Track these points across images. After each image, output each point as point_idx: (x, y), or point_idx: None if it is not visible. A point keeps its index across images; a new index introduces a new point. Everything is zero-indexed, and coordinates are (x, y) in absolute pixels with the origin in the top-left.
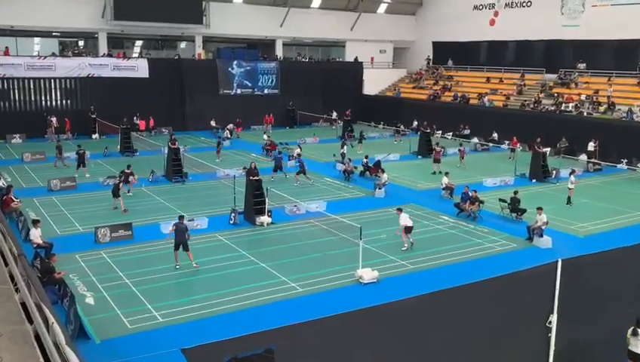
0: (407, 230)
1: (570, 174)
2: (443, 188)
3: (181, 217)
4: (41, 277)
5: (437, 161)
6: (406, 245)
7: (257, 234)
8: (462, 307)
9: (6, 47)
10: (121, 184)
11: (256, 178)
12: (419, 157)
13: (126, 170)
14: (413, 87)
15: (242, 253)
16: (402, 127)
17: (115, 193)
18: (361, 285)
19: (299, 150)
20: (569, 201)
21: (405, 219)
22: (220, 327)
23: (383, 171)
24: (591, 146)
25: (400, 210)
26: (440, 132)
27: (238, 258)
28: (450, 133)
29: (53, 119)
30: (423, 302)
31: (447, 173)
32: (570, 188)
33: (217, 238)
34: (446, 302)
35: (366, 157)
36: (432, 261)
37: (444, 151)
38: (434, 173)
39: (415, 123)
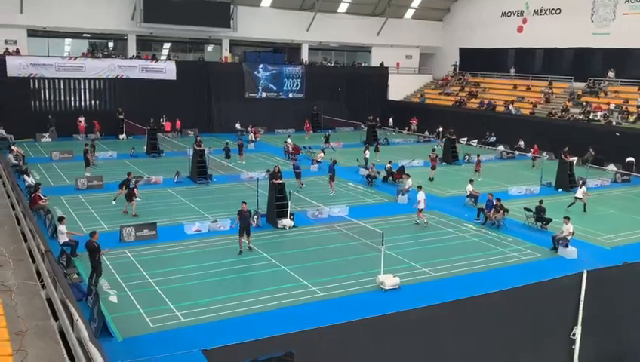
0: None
1: (582, 185)
2: (467, 196)
3: (244, 203)
4: (92, 256)
5: (433, 167)
6: (425, 221)
7: (279, 237)
8: (483, 317)
9: (17, 48)
10: (136, 188)
11: (279, 181)
12: (443, 163)
13: (128, 178)
14: (439, 93)
15: (264, 255)
16: (427, 133)
17: (129, 197)
18: (383, 291)
19: (322, 154)
20: (585, 209)
21: (421, 197)
22: (240, 329)
23: (408, 176)
24: (630, 159)
25: (420, 187)
26: (465, 139)
27: (260, 260)
28: (476, 141)
29: (82, 119)
30: (444, 310)
31: (471, 181)
32: (578, 198)
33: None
34: (468, 311)
35: (389, 162)
36: (455, 269)
37: (439, 158)
38: (430, 179)
39: (440, 129)
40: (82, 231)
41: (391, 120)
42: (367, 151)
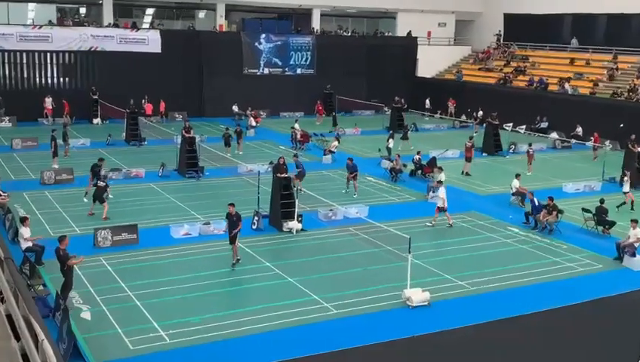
0: (441, 209)
1: (625, 178)
2: (513, 194)
3: (231, 205)
4: (61, 267)
5: (468, 159)
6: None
7: (284, 243)
8: (532, 340)
9: None
10: (108, 187)
11: (284, 175)
12: (484, 154)
13: (98, 163)
14: (479, 69)
15: (266, 264)
16: (464, 117)
17: (100, 197)
18: (409, 308)
19: (336, 143)
20: (632, 207)
21: (442, 193)
22: (237, 353)
23: (440, 170)
24: None
25: (440, 182)
26: (511, 125)
27: (261, 270)
28: (524, 127)
29: (48, 100)
30: (483, 331)
31: (518, 176)
32: (626, 193)
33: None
34: (512, 333)
35: (418, 153)
36: (497, 282)
37: (475, 145)
38: (462, 173)
39: (480, 113)
40: (49, 233)
41: (428, 101)
42: (390, 140)
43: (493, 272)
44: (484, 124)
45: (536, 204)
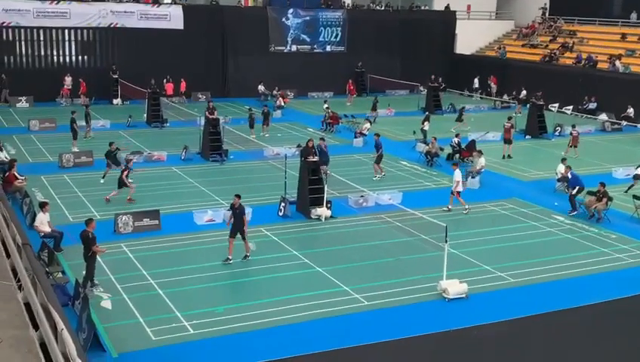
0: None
1: None
2: (558, 180)
3: (237, 196)
4: (85, 251)
5: (508, 141)
6: (467, 207)
7: (313, 230)
8: (578, 335)
9: None
10: (126, 173)
11: (313, 159)
12: (527, 137)
13: (111, 149)
14: (523, 46)
15: (293, 253)
16: (506, 97)
17: (121, 184)
18: (445, 301)
19: (368, 125)
20: None
21: (457, 176)
22: (263, 345)
23: (480, 154)
24: None
25: (456, 164)
26: (557, 105)
27: (288, 259)
28: (571, 108)
29: (68, 79)
30: (524, 326)
31: (563, 160)
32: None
33: (262, 233)
34: (555, 328)
35: (457, 135)
36: (540, 274)
37: (517, 127)
38: (504, 157)
39: (524, 92)
40: (68, 219)
41: (477, 80)
42: (426, 122)
43: (536, 263)
44: (528, 105)
45: (572, 177)
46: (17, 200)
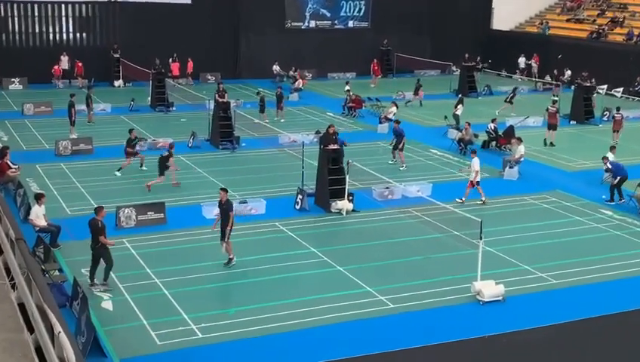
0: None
1: None
2: (606, 170)
3: (224, 190)
4: (93, 242)
5: (553, 127)
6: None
7: (333, 226)
8: (625, 341)
9: None
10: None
11: (334, 147)
12: (572, 122)
13: (131, 137)
14: (568, 21)
15: (311, 250)
16: (548, 78)
17: (164, 170)
18: (480, 304)
19: (394, 109)
20: None
21: (476, 165)
22: (278, 351)
23: (519, 141)
24: None
25: (474, 151)
26: (605, 87)
27: (306, 257)
28: (620, 90)
29: (64, 58)
30: (567, 332)
31: (612, 148)
32: None
33: (277, 228)
34: (602, 335)
35: (493, 120)
36: (585, 275)
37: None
38: (545, 144)
39: (568, 72)
40: (66, 212)
41: (522, 60)
42: (459, 106)
43: (581, 263)
44: (573, 86)
45: (613, 166)
46: (10, 192)
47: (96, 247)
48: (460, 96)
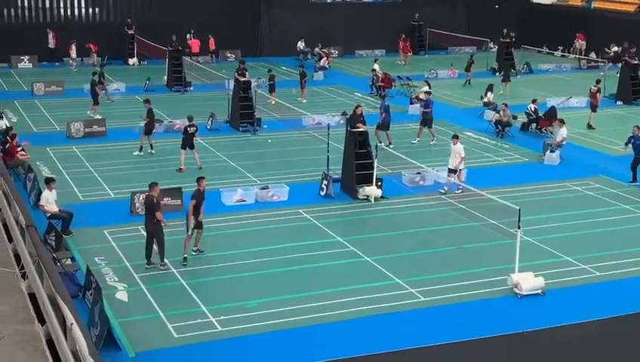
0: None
1: None
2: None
3: (201, 179)
4: (147, 219)
5: (594, 108)
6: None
7: (360, 213)
8: None
9: None
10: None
11: (361, 129)
12: (618, 103)
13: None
14: None
15: (337, 239)
16: (594, 55)
17: (189, 145)
18: (517, 297)
19: (427, 88)
20: None
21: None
22: (301, 346)
23: (561, 123)
24: None
25: (456, 136)
26: None
27: (331, 246)
28: None
29: (50, 35)
30: (611, 328)
31: None
32: None
33: (301, 216)
34: None
35: (533, 101)
36: (631, 267)
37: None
38: (589, 127)
39: (615, 49)
40: (78, 197)
41: (579, 41)
42: (489, 94)
43: (626, 254)
44: (620, 64)
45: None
46: (20, 176)
47: (152, 224)
48: (504, 73)
